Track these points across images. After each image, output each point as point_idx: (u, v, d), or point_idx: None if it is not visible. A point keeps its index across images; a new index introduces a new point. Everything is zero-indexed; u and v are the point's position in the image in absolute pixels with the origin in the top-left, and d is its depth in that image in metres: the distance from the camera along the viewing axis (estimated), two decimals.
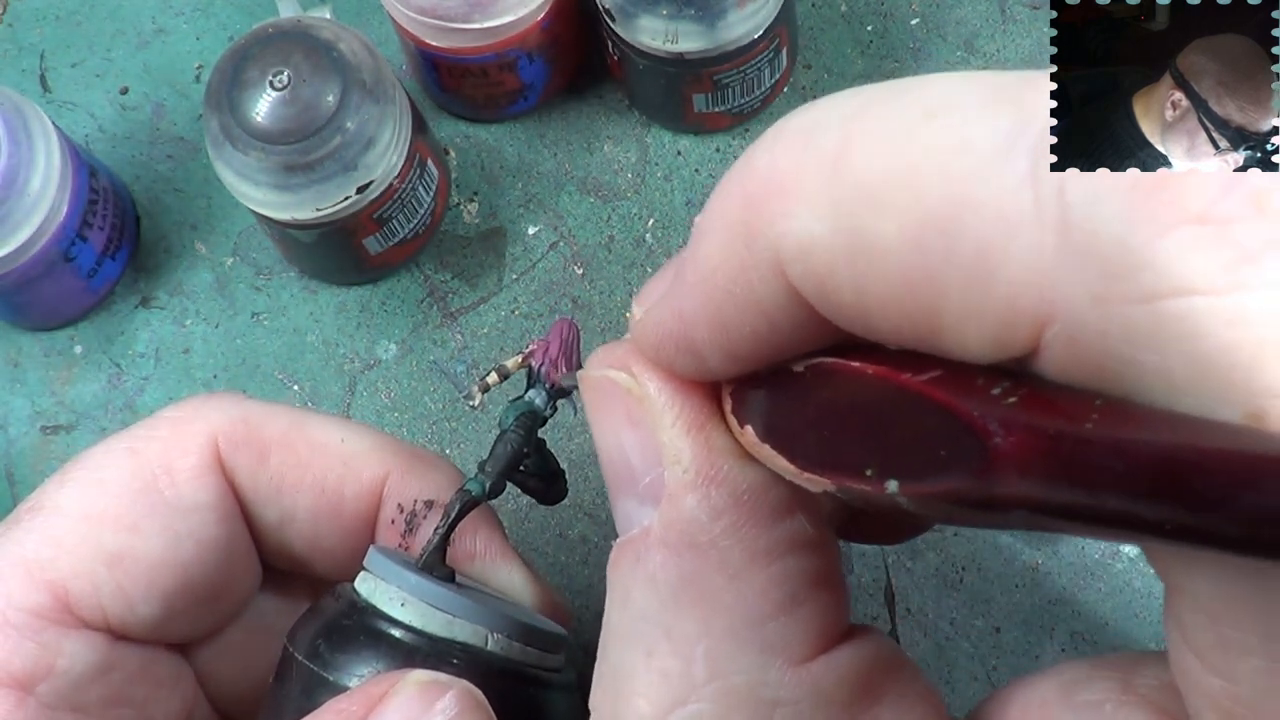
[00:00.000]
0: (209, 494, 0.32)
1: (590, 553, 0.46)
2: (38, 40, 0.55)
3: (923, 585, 0.45)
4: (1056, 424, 0.16)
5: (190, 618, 0.33)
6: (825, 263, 0.18)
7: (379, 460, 0.34)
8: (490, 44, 0.47)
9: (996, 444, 0.17)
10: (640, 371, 0.23)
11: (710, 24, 0.44)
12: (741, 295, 0.20)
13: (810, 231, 0.18)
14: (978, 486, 0.17)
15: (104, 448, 0.33)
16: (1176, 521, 0.15)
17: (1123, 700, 0.20)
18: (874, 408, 0.19)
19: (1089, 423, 0.16)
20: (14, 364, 0.51)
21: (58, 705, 0.30)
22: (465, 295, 0.50)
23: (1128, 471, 0.15)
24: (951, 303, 0.17)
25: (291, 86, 0.43)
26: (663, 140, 0.51)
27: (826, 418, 0.20)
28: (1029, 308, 0.16)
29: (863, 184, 0.18)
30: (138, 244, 0.52)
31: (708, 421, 0.23)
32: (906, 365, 0.18)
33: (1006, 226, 0.16)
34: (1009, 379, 0.17)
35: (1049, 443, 0.16)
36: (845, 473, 0.20)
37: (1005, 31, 0.52)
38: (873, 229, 0.17)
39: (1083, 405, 0.16)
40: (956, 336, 0.17)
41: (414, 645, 0.29)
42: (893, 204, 0.17)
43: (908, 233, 0.17)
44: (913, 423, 0.18)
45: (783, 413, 0.21)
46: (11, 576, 0.30)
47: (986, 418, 0.17)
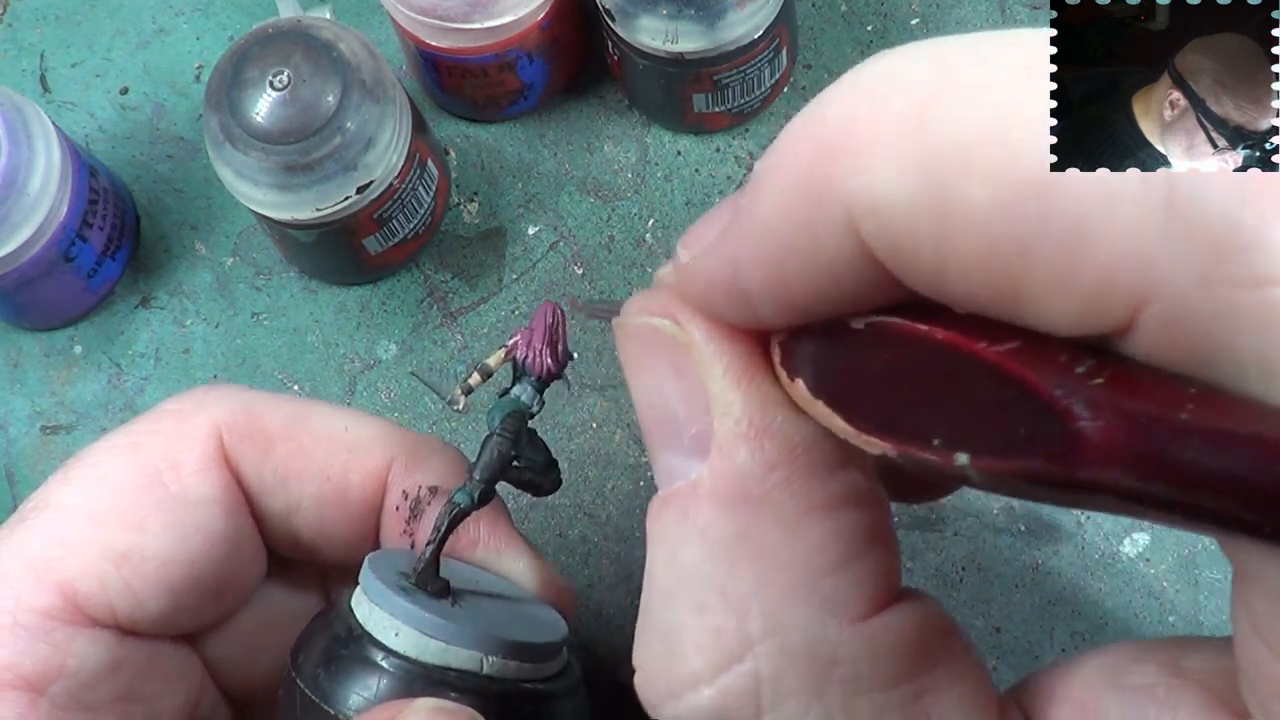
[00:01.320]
0: (214, 488, 0.32)
1: (590, 553, 0.46)
2: (38, 40, 0.55)
3: (923, 585, 0.45)
4: (1150, 409, 0.15)
5: (198, 610, 0.33)
6: (905, 222, 0.17)
7: (382, 448, 0.34)
8: (490, 44, 0.47)
9: (1082, 427, 0.16)
10: (686, 319, 0.22)
11: (710, 24, 0.44)
12: (806, 248, 0.19)
13: (890, 189, 0.17)
14: (1059, 469, 0.16)
15: (107, 443, 0.33)
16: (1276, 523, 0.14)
17: (1174, 683, 0.20)
18: (941, 374, 0.18)
19: (1185, 411, 0.15)
20: (14, 364, 0.51)
21: (70, 705, 0.30)
22: (465, 295, 0.50)
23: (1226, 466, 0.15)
24: (1040, 271, 0.16)
25: (291, 86, 0.43)
26: (663, 140, 0.51)
27: (888, 379, 0.20)
28: (1127, 283, 0.16)
29: (952, 143, 0.17)
30: (138, 244, 0.52)
31: (758, 372, 0.22)
32: (979, 332, 0.18)
33: (1109, 197, 0.16)
34: (1092, 356, 0.17)
35: (1140, 429, 0.15)
36: (909, 439, 0.19)
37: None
38: (962, 190, 0.17)
39: (1177, 391, 0.16)
40: (1041, 306, 0.17)
41: (411, 673, 0.29)
42: (986, 167, 0.16)
43: (1000, 196, 0.16)
44: (986, 395, 0.18)
45: (838, 369, 0.20)
46: (20, 577, 0.30)
47: (1071, 398, 0.16)
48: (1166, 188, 0.15)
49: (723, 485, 0.21)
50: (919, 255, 0.18)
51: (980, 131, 0.17)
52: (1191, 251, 0.15)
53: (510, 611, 0.33)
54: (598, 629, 0.45)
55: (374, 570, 0.31)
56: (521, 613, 0.33)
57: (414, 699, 0.28)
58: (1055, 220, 0.16)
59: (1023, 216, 0.16)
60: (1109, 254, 0.16)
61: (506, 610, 0.33)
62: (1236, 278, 0.15)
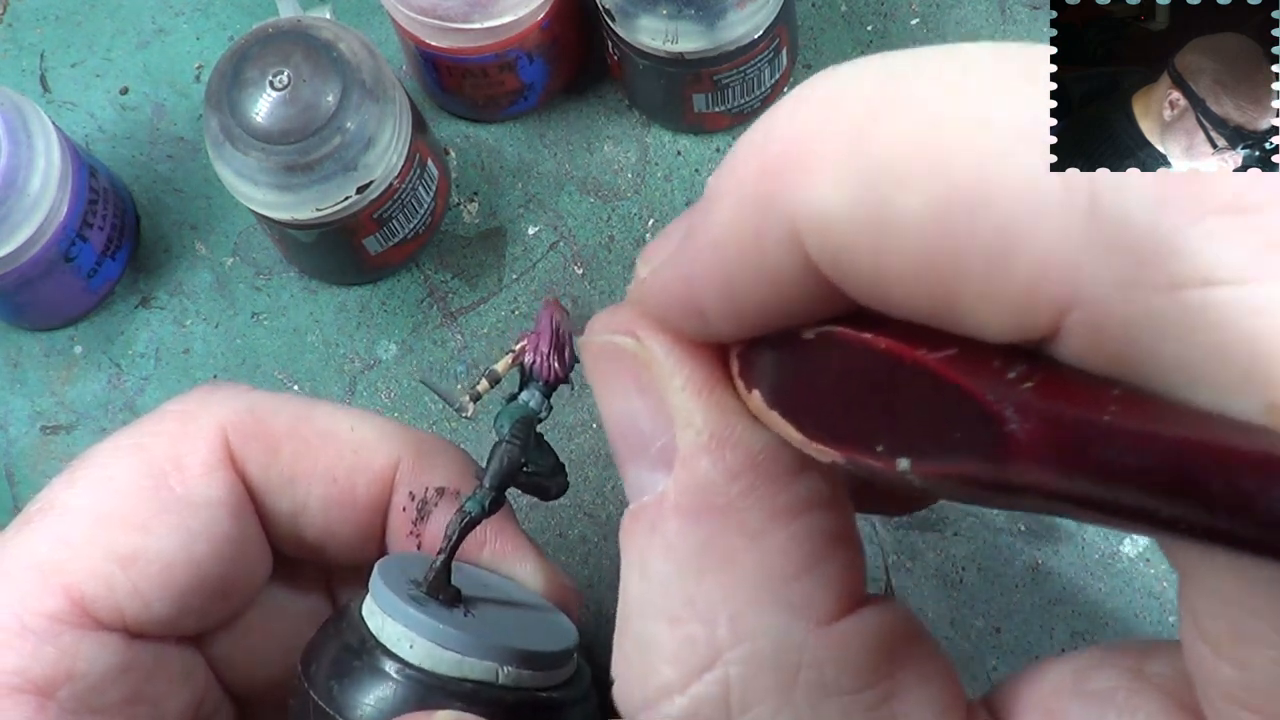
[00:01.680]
0: (220, 489, 0.32)
1: (590, 553, 0.46)
2: (38, 40, 0.55)
3: (923, 585, 0.45)
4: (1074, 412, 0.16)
5: (204, 612, 0.33)
6: (844, 235, 0.18)
7: (388, 448, 0.34)
8: (490, 44, 0.47)
9: (1012, 430, 0.16)
10: (646, 335, 0.22)
11: (710, 24, 0.44)
12: (754, 262, 0.19)
13: (830, 202, 0.18)
14: (991, 470, 0.17)
15: (111, 444, 0.32)
16: (1192, 520, 0.15)
17: (1134, 688, 0.20)
18: (885, 382, 0.19)
19: (1108, 413, 0.16)
20: (14, 364, 0.51)
21: (78, 709, 0.30)
22: (465, 295, 0.50)
23: (1146, 465, 0.15)
24: (972, 281, 0.17)
25: (291, 86, 0.44)
26: (663, 140, 0.51)
27: (835, 388, 0.20)
28: (1051, 290, 0.16)
29: (887, 155, 0.17)
30: (138, 244, 0.52)
31: (718, 384, 0.22)
32: (920, 340, 0.18)
33: (1033, 207, 0.16)
34: (1025, 361, 0.17)
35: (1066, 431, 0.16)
36: (855, 446, 0.19)
37: (1005, 31, 0.52)
38: (896, 202, 0.17)
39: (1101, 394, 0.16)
40: (975, 315, 0.17)
41: (427, 685, 0.29)
42: (918, 177, 0.17)
43: (932, 208, 0.17)
44: (925, 400, 0.18)
45: (791, 379, 0.21)
46: (27, 580, 0.30)
47: (1002, 402, 0.17)
48: (1088, 193, 0.15)
49: (687, 497, 0.21)
50: (859, 267, 0.18)
51: (915, 142, 0.17)
52: (1112, 257, 0.15)
53: (521, 618, 0.32)
54: (598, 629, 0.45)
55: (385, 579, 0.31)
56: (532, 619, 0.33)
57: (434, 711, 0.28)
58: (983, 228, 0.16)
59: (953, 226, 0.16)
60: (1033, 261, 0.16)
61: (517, 617, 0.32)
62: (1155, 282, 0.15)
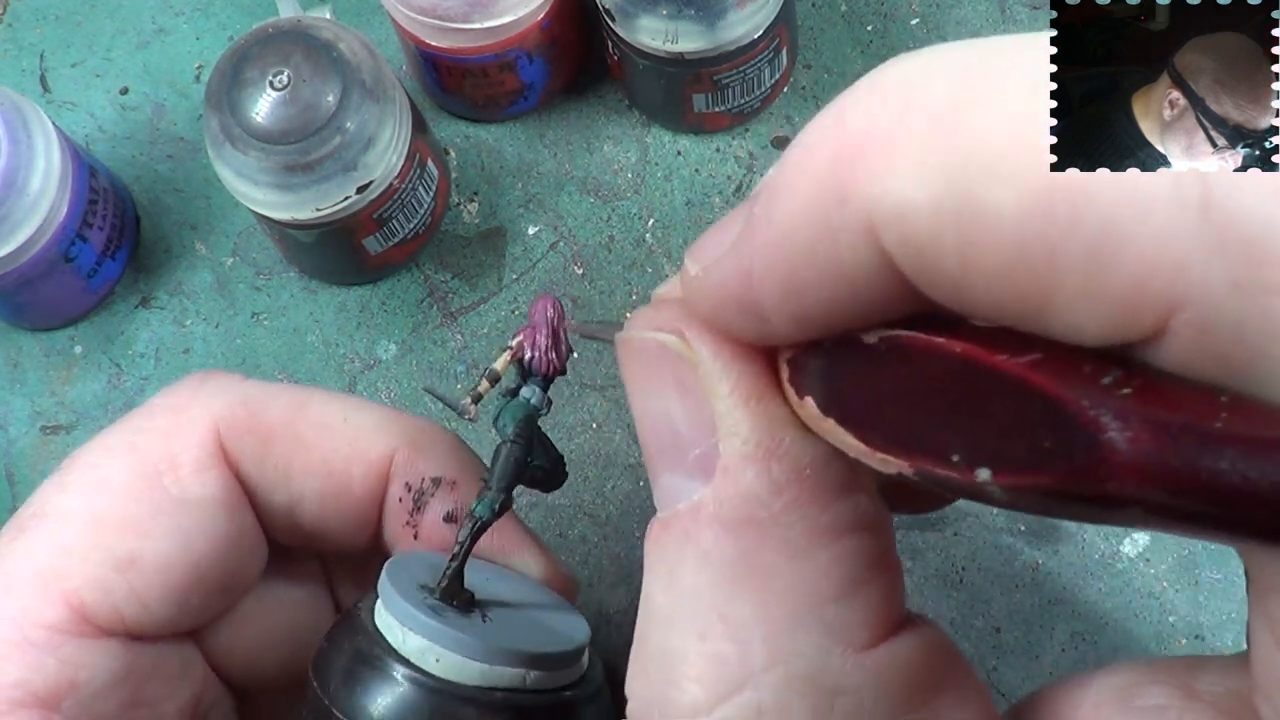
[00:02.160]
0: (214, 487, 0.32)
1: (590, 553, 0.46)
2: (38, 40, 0.55)
3: (923, 585, 0.45)
4: (1181, 419, 0.15)
5: (203, 609, 0.32)
6: (928, 230, 0.17)
7: (384, 438, 0.33)
8: (490, 44, 0.47)
9: (1111, 438, 0.15)
10: (694, 335, 0.21)
11: (710, 24, 0.44)
12: (823, 257, 0.18)
13: (912, 194, 0.17)
14: (1087, 483, 0.16)
15: (102, 444, 0.32)
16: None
17: (1187, 706, 0.19)
18: (960, 389, 0.18)
19: (1218, 420, 0.15)
20: (14, 364, 0.51)
21: (81, 718, 0.30)
22: (465, 295, 0.50)
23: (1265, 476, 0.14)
24: (1068, 277, 0.16)
25: (291, 86, 0.43)
26: (663, 140, 0.51)
27: (903, 395, 0.19)
28: (1159, 290, 0.15)
29: (978, 148, 0.16)
30: (138, 244, 0.52)
31: (766, 391, 0.21)
32: (997, 344, 0.17)
33: (1141, 202, 0.15)
34: (1118, 366, 0.16)
35: (1172, 440, 0.15)
36: (926, 456, 0.18)
37: (1005, 32, 0.52)
38: (988, 197, 0.16)
39: (1207, 400, 0.15)
40: (1069, 315, 0.16)
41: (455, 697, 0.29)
42: (1013, 171, 0.16)
43: (1028, 202, 0.16)
44: (1008, 408, 0.17)
45: (849, 386, 0.20)
46: (26, 590, 0.30)
47: (1099, 409, 0.16)
48: (1200, 190, 0.15)
49: (728, 508, 0.21)
50: (944, 264, 0.17)
51: (1006, 136, 0.16)
52: (1226, 256, 0.15)
53: (534, 617, 0.32)
54: (598, 628, 0.45)
55: (395, 586, 0.30)
56: (544, 617, 0.33)
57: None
58: (1084, 225, 0.16)
59: (1050, 221, 0.16)
60: (1140, 259, 0.15)
61: (531, 617, 0.32)
62: (1271, 283, 0.14)
